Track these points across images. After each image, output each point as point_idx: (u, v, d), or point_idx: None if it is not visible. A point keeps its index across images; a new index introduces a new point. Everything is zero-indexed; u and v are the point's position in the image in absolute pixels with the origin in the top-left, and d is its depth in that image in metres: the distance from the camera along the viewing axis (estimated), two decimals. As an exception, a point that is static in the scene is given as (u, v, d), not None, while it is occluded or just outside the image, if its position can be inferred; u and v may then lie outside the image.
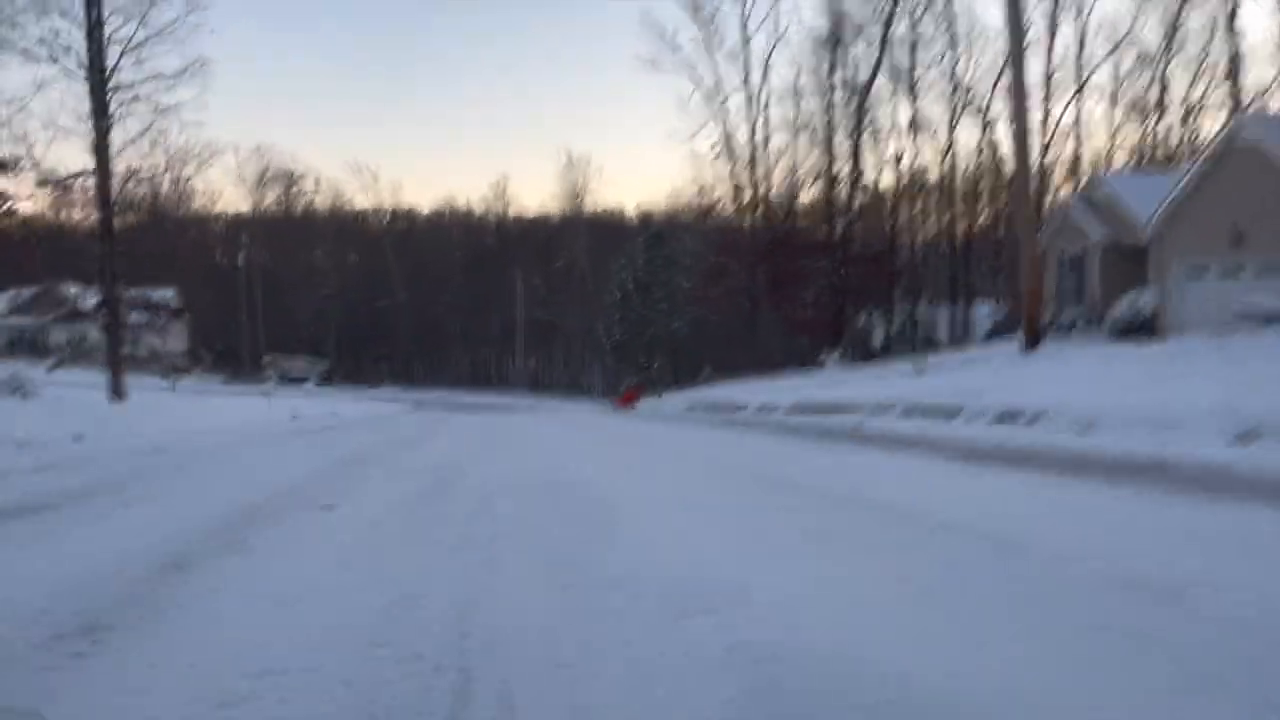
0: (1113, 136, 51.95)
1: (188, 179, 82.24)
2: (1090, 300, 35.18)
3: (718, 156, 53.41)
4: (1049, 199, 49.72)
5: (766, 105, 53.92)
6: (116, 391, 27.48)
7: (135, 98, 26.68)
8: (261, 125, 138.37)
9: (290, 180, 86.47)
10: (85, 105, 24.94)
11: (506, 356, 79.16)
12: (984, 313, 49.16)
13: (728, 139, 53.18)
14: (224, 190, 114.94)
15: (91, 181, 28.08)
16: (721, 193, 55.00)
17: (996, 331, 45.99)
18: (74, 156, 43.25)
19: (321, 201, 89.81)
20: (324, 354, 78.43)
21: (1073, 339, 33.06)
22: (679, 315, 46.95)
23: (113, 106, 26.42)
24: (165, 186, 79.13)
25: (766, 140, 53.26)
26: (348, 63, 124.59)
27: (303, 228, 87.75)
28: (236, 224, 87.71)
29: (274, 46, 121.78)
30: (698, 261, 51.86)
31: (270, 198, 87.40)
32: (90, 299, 55.59)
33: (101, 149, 26.07)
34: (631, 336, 46.62)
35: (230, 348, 78.37)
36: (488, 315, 79.56)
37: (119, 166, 26.76)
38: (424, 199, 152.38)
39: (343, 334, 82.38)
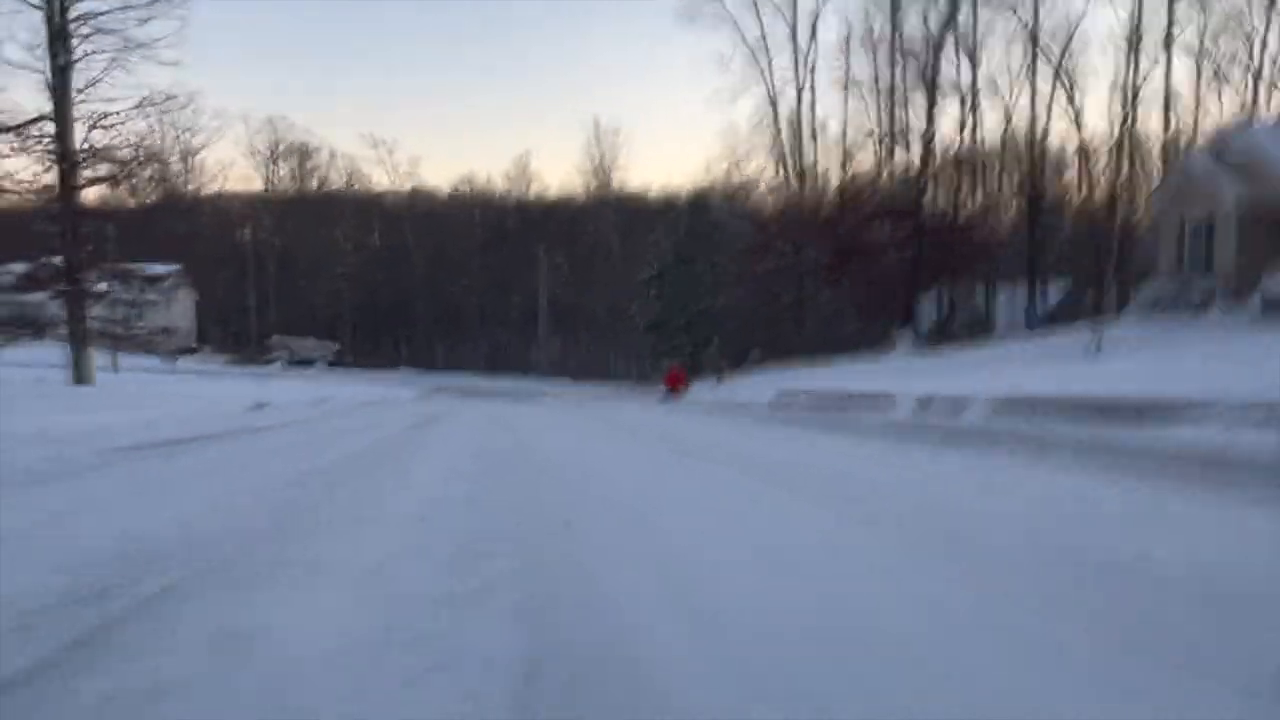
0: (1200, 100, 45.37)
1: (196, 152, 76.57)
2: (1222, 273, 28.76)
3: (761, 121, 47.06)
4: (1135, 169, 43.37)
5: (813, 68, 47.18)
6: (79, 372, 22.27)
7: (100, 30, 21.98)
8: (273, 97, 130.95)
9: (304, 154, 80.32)
10: (41, 36, 21.31)
11: (529, 340, 72.96)
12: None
13: (773, 102, 46.89)
14: (235, 165, 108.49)
15: (50, 129, 22.71)
16: (762, 163, 48.55)
17: (1053, 316, 39.66)
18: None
19: (337, 178, 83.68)
20: (338, 335, 72.54)
21: (1207, 319, 26.78)
22: (723, 291, 40.65)
23: (74, 40, 21.89)
24: (173, 160, 73.68)
25: (814, 103, 47.06)
26: (362, 33, 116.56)
27: (318, 205, 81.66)
28: (249, 201, 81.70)
29: (284, 14, 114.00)
30: (739, 237, 45.55)
31: (283, 172, 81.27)
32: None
33: (59, 90, 21.77)
34: (669, 315, 40.33)
35: (241, 328, 72.83)
36: (509, 297, 73.52)
37: (82, 110, 22.39)
38: (443, 176, 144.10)
39: (358, 315, 76.48)
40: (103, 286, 44.58)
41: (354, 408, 21.10)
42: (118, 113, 23.43)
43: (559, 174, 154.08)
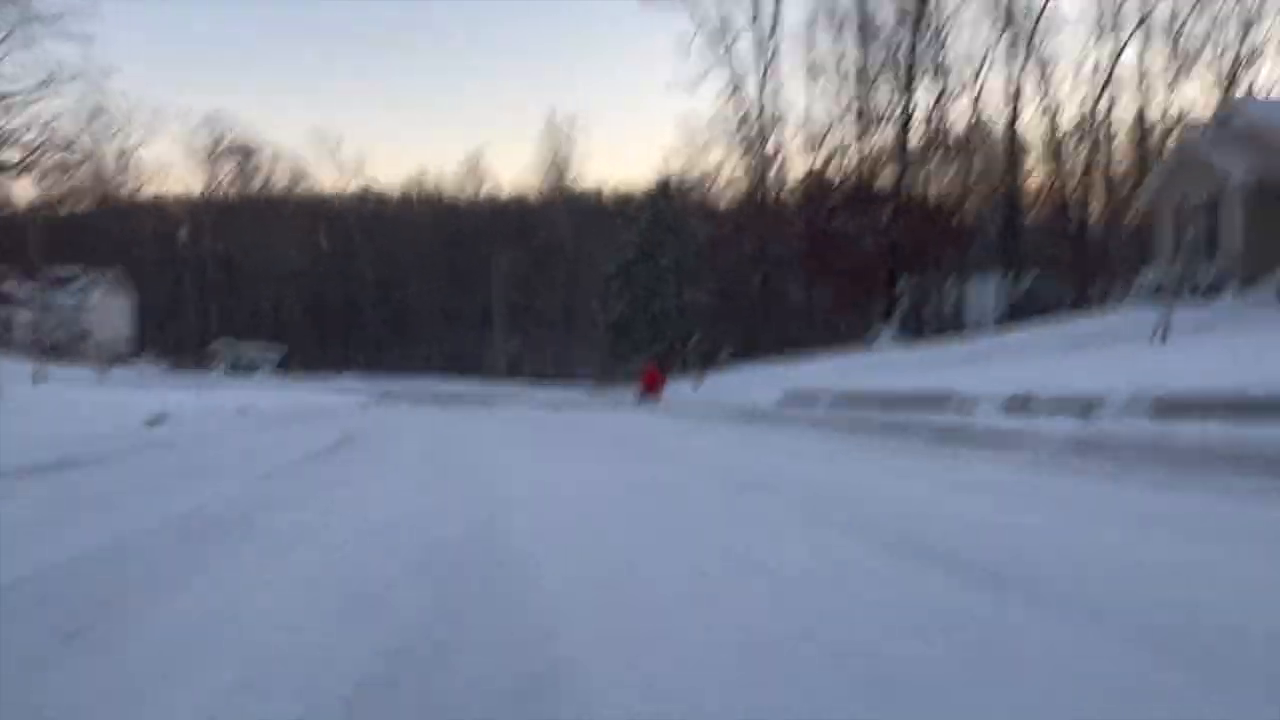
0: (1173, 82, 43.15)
1: (130, 150, 72.29)
2: (1230, 255, 26.35)
3: (723, 108, 44.15)
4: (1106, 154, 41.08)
5: (776, 52, 44.22)
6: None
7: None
8: (212, 94, 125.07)
9: (246, 153, 76.26)
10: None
11: (484, 342, 69.63)
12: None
13: (736, 88, 44.04)
14: (174, 166, 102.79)
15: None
16: (725, 152, 45.54)
17: (1022, 307, 37.12)
18: None
19: (281, 178, 79.66)
20: (286, 340, 68.79)
21: (1220, 304, 24.31)
22: (688, 287, 37.67)
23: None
24: (106, 158, 69.37)
25: (778, 89, 44.34)
26: (305, 27, 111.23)
27: (263, 206, 77.71)
28: (191, 203, 77.52)
29: (221, 6, 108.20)
30: (702, 229, 42.72)
31: (225, 172, 77.16)
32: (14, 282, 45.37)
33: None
34: (634, 312, 37.30)
35: (185, 334, 68.86)
36: (464, 298, 70.20)
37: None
38: (392, 174, 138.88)
39: (307, 319, 72.79)
40: (21, 292, 40.57)
41: (277, 420, 17.89)
42: (18, 93, 20.23)
43: (513, 171, 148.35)
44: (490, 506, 4.99)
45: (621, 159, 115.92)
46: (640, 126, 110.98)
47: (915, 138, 38.16)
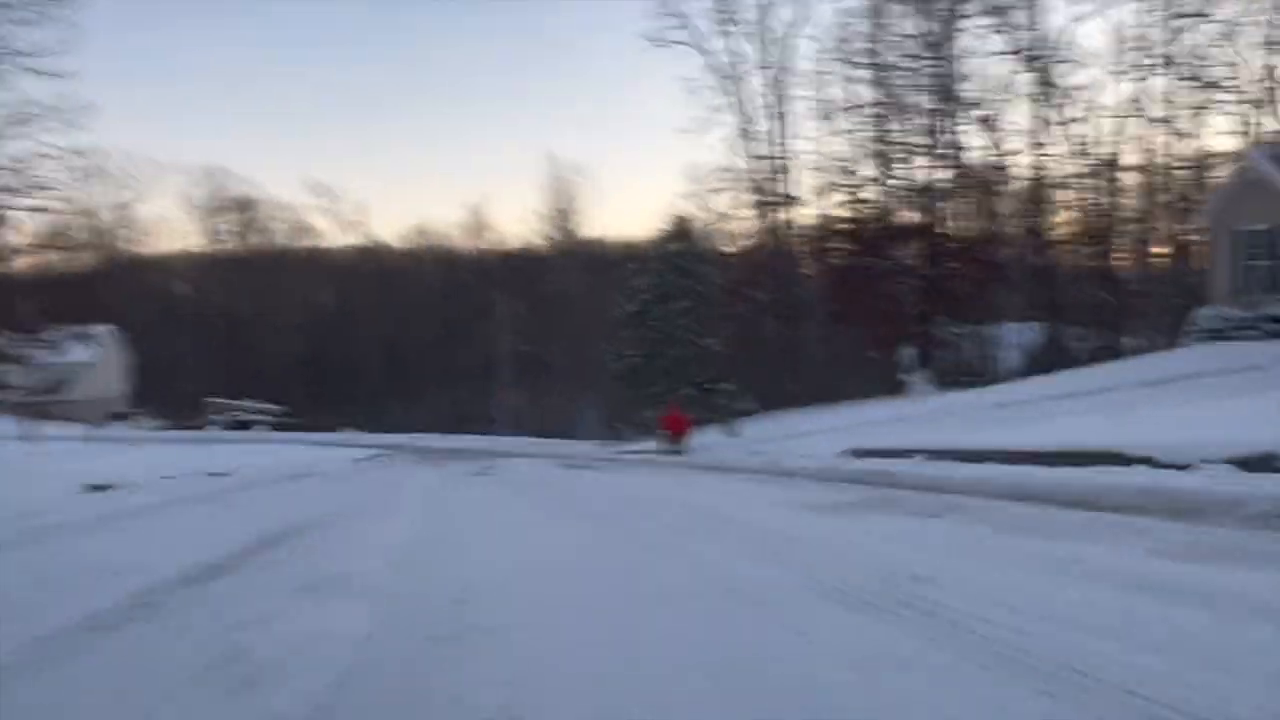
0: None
1: (128, 205, 70.21)
2: (1306, 289, 23.88)
3: (734, 150, 41.87)
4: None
5: (786, 92, 41.96)
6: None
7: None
8: (210, 147, 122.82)
9: (245, 207, 74.15)
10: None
11: (488, 396, 66.97)
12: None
13: (746, 131, 41.84)
14: (173, 221, 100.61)
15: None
16: (738, 195, 43.08)
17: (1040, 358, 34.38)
18: None
19: (282, 232, 77.44)
20: (287, 396, 66.26)
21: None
22: (707, 332, 35.08)
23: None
24: (105, 214, 67.30)
25: (790, 130, 42.04)
26: (303, 79, 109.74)
27: (265, 261, 75.51)
28: (191, 259, 75.38)
29: (216, 57, 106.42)
30: (717, 273, 40.32)
31: (224, 226, 74.99)
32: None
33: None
34: (648, 358, 34.64)
35: (186, 391, 66.23)
36: (467, 351, 67.64)
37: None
38: (393, 227, 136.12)
39: (308, 374, 70.21)
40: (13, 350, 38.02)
41: (254, 484, 15.33)
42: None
43: (517, 222, 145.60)
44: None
45: (628, 207, 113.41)
46: (647, 173, 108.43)
47: (940, 174, 35.72)
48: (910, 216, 35.02)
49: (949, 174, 35.51)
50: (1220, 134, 49.94)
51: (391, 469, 21.08)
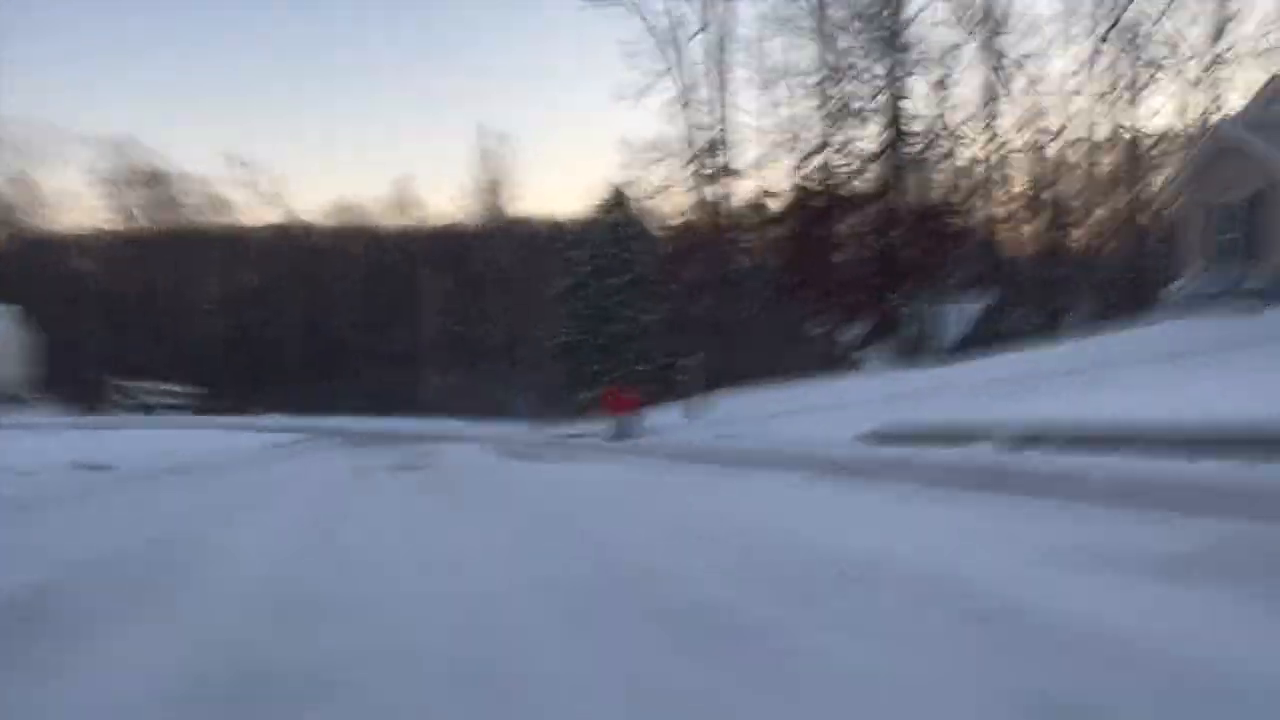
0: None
1: (31, 180, 65.63)
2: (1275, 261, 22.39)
3: (674, 116, 39.50)
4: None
5: (729, 56, 39.64)
6: None
7: None
8: (119, 119, 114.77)
9: (157, 181, 69.80)
10: None
11: (416, 378, 64.01)
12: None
13: (685, 98, 39.54)
14: (80, 195, 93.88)
15: None
16: (677, 165, 40.72)
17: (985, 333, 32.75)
18: None
19: (197, 208, 73.15)
20: (206, 379, 62.61)
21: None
22: (645, 308, 32.74)
23: None
24: (3, 186, 62.71)
25: (732, 96, 39.91)
26: (216, 47, 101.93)
27: (178, 239, 71.29)
28: (98, 235, 70.80)
29: (124, 25, 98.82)
30: (656, 246, 38.08)
31: (135, 200, 70.53)
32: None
33: None
34: (586, 335, 32.24)
35: (98, 375, 62.06)
36: (394, 332, 64.56)
37: None
38: (314, 202, 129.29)
39: (227, 357, 66.46)
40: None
41: (132, 480, 12.67)
42: None
43: (445, 199, 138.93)
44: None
45: (560, 185, 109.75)
46: (581, 149, 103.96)
47: (890, 141, 33.71)
48: (861, 186, 33.02)
49: (899, 141, 33.56)
50: (1163, 109, 49.23)
51: (304, 459, 18.44)
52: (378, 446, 19.89)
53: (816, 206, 32.14)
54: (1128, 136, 36.91)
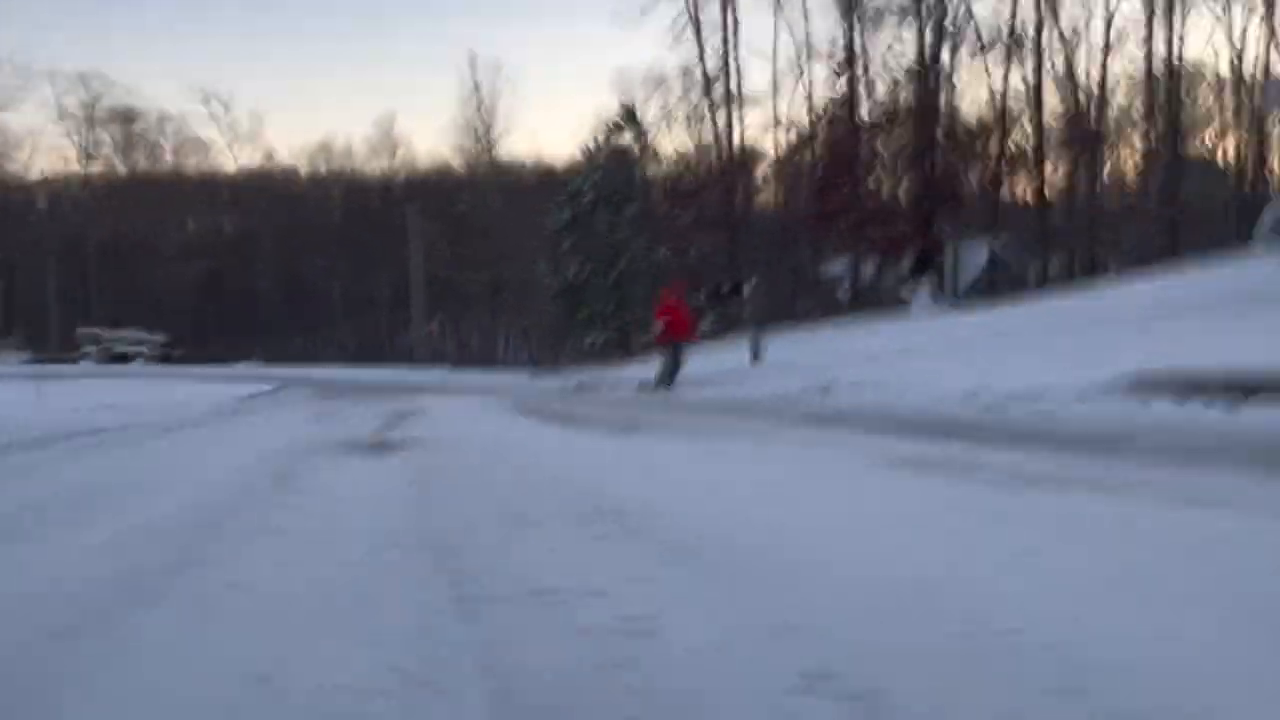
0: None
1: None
2: None
3: (680, 39, 35.29)
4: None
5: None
6: None
7: None
8: (86, 51, 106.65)
9: (127, 119, 64.86)
10: None
11: (401, 325, 60.09)
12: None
13: (695, 19, 35.40)
14: (45, 134, 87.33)
15: None
16: (678, 100, 36.50)
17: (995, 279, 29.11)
18: None
19: (171, 148, 68.19)
20: (178, 328, 58.40)
21: None
22: (659, 241, 28.76)
23: None
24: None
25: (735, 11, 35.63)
26: None
27: (151, 180, 66.58)
28: (63, 176, 65.95)
29: None
30: (662, 179, 34.15)
31: (105, 140, 65.59)
32: None
33: None
34: (592, 273, 28.26)
35: (64, 324, 57.75)
36: (378, 278, 60.35)
37: None
38: (293, 143, 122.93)
39: (201, 304, 62.22)
40: None
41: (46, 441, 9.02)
42: None
43: (432, 137, 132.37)
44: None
45: (555, 127, 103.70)
46: (578, 89, 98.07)
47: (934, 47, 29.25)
48: (900, 100, 28.81)
49: (944, 46, 29.25)
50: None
51: (298, 408, 14.71)
52: (353, 402, 16.09)
53: (844, 129, 28.15)
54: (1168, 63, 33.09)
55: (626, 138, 30.33)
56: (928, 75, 27.83)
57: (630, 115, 30.86)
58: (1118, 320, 10.88)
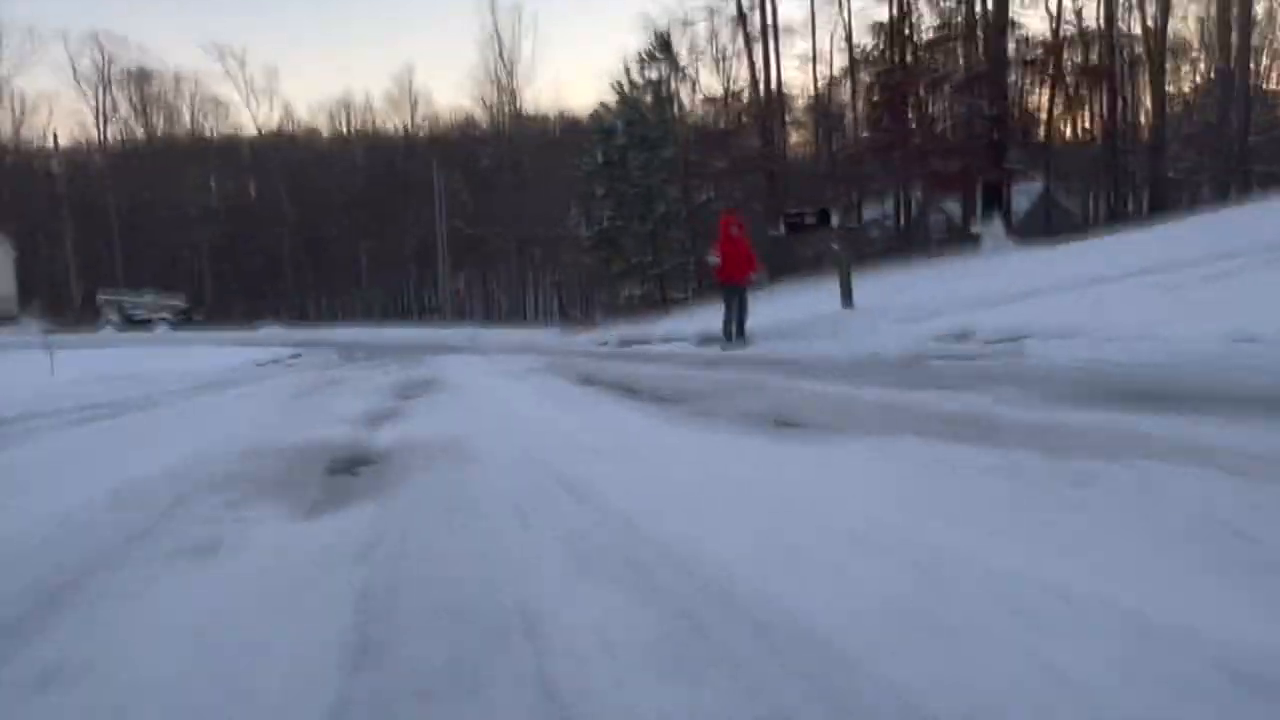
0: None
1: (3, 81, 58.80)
2: None
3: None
4: None
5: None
6: None
7: None
8: (99, 11, 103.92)
9: (142, 79, 62.73)
10: None
11: (425, 281, 58.15)
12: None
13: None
14: (59, 97, 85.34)
15: None
16: (709, 37, 33.69)
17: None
18: None
19: (187, 109, 66.08)
20: (201, 291, 56.81)
21: None
22: (696, 187, 26.33)
23: None
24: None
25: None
26: None
27: (168, 143, 64.59)
28: (83, 140, 64.06)
29: None
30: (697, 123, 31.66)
31: (120, 102, 63.55)
32: None
33: None
34: (626, 220, 25.86)
35: (85, 290, 56.10)
36: (401, 235, 58.28)
37: None
38: (311, 101, 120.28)
39: (221, 266, 60.48)
40: None
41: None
42: None
43: (453, 90, 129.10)
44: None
45: (578, 70, 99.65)
46: (598, 29, 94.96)
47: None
48: (955, 21, 25.87)
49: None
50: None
51: (320, 373, 12.72)
52: (365, 367, 14.04)
53: (899, 58, 25.36)
54: None
55: (660, 70, 27.88)
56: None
57: (665, 44, 28.33)
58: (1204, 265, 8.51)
